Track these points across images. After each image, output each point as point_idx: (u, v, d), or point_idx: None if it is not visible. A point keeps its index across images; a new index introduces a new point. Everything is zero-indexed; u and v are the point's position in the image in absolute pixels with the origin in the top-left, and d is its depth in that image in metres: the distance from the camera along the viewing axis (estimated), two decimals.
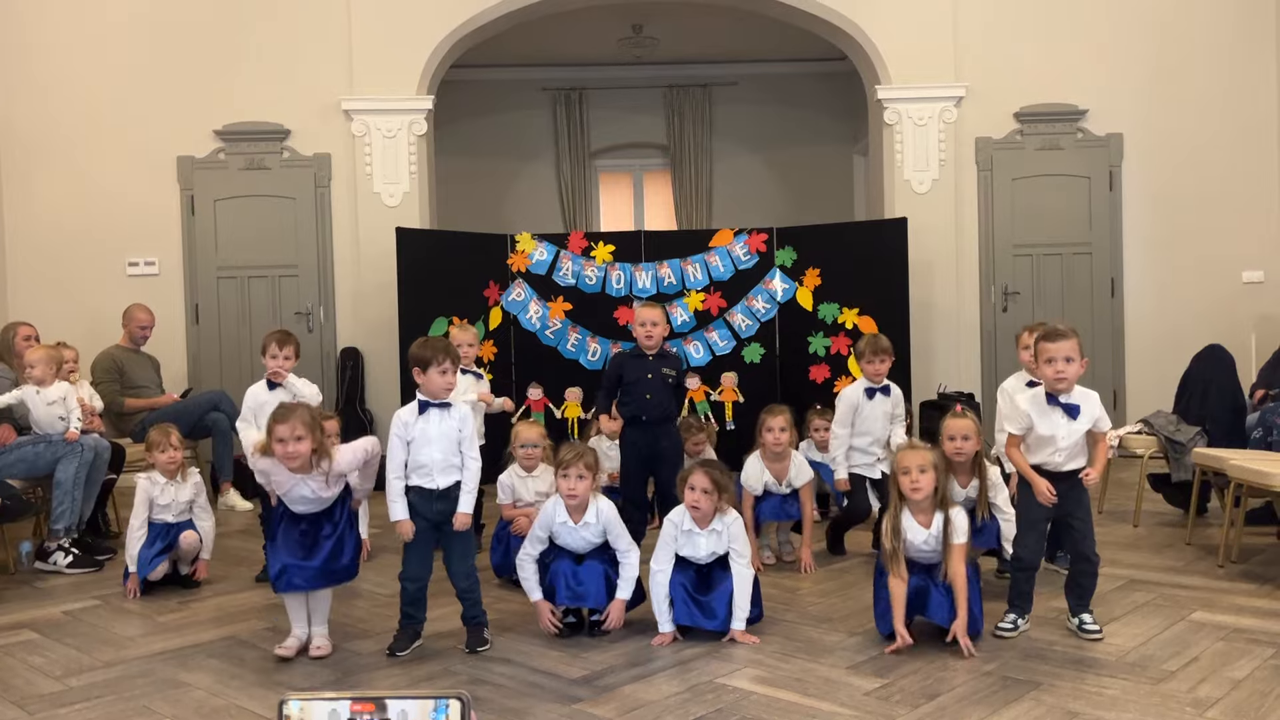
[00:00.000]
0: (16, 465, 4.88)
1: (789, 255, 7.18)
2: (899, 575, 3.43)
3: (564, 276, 7.15)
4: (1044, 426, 3.46)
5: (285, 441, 3.36)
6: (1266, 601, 3.93)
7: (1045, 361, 3.42)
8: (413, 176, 7.53)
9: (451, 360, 3.50)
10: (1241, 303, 7.65)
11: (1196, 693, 3.01)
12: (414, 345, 3.57)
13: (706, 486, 3.62)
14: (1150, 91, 7.68)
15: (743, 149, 10.46)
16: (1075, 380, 3.44)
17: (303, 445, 3.37)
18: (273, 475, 3.48)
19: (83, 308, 7.26)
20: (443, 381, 3.48)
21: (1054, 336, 3.42)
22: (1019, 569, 3.58)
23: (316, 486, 3.47)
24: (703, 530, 3.65)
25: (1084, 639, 3.49)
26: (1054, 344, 3.41)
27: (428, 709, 1.33)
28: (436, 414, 3.48)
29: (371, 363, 7.50)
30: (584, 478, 3.68)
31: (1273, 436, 4.99)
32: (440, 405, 3.49)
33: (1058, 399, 3.44)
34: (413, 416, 3.48)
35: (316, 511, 3.53)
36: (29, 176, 7.45)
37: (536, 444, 4.46)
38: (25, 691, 3.26)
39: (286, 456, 3.37)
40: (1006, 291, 7.71)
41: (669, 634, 3.60)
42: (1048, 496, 3.43)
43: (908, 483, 3.44)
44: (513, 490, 4.48)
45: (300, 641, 3.59)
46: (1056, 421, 3.45)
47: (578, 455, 3.70)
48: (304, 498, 3.48)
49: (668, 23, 8.97)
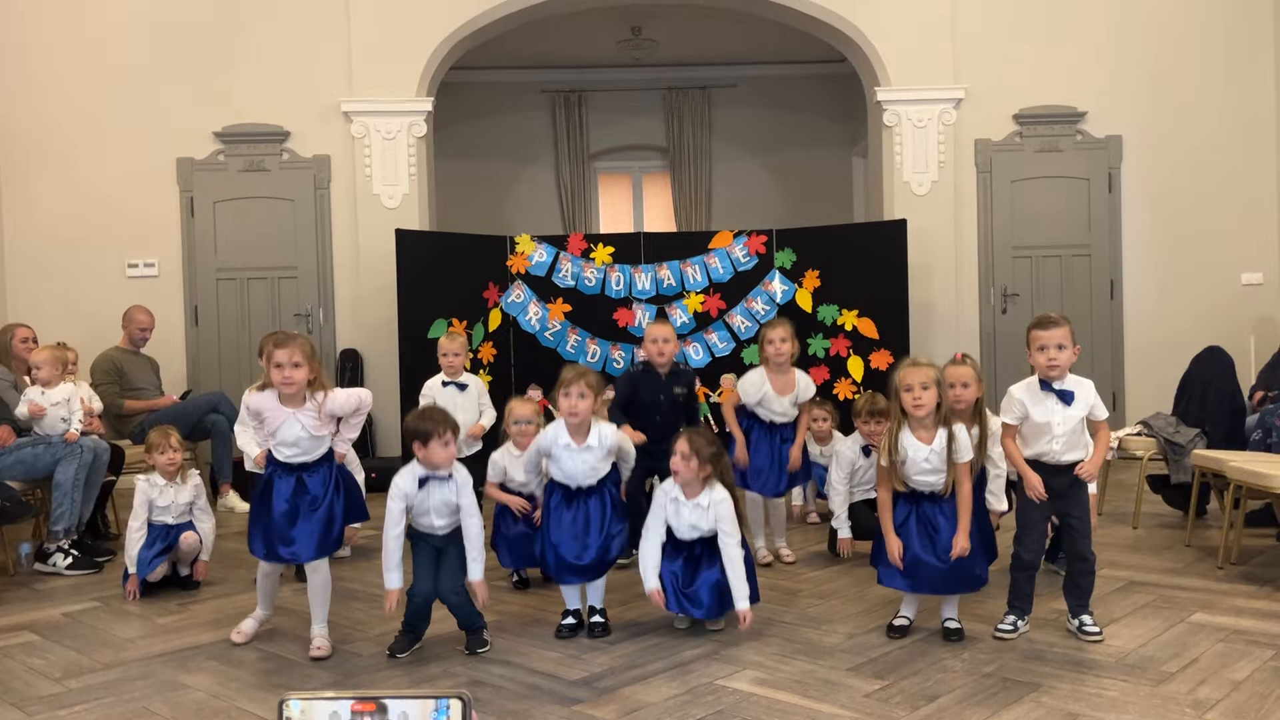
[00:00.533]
0: (15, 467, 4.88)
1: (788, 257, 7.18)
2: (890, 487, 3.49)
3: (563, 278, 7.15)
4: (1039, 414, 3.47)
5: (283, 367, 3.36)
6: (1266, 603, 3.93)
7: (1038, 349, 3.45)
8: (412, 178, 7.53)
9: (452, 430, 3.43)
10: (1240, 305, 7.65)
11: (1196, 694, 3.01)
12: (411, 418, 3.48)
13: (685, 451, 3.57)
14: (1149, 94, 7.69)
15: (742, 151, 10.47)
16: (1067, 367, 3.47)
17: (300, 372, 3.38)
18: (265, 413, 3.45)
19: (82, 309, 7.26)
20: (445, 454, 3.41)
21: (1045, 324, 3.47)
22: (1018, 569, 3.58)
23: (308, 423, 3.43)
24: (688, 500, 3.62)
25: (1084, 641, 3.49)
26: (1045, 331, 3.44)
27: (428, 709, 1.33)
28: (436, 483, 3.45)
29: (371, 364, 7.50)
30: (585, 397, 3.64)
31: (1272, 438, 4.99)
32: (442, 478, 3.45)
33: (1051, 385, 3.46)
34: (413, 488, 3.43)
35: (304, 463, 3.47)
36: (28, 178, 7.45)
37: (531, 420, 4.28)
38: (24, 693, 3.26)
39: (284, 382, 3.37)
40: (1006, 293, 7.71)
41: (655, 589, 3.60)
42: (1038, 491, 3.44)
43: (910, 399, 3.44)
44: (504, 470, 4.30)
45: (258, 624, 3.63)
46: (1051, 408, 3.46)
47: (579, 374, 3.67)
48: (294, 438, 3.44)
49: (667, 25, 8.98)
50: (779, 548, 4.84)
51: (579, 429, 3.69)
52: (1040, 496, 3.46)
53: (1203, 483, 4.99)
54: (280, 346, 3.38)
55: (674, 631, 3.73)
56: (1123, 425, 6.66)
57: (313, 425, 3.45)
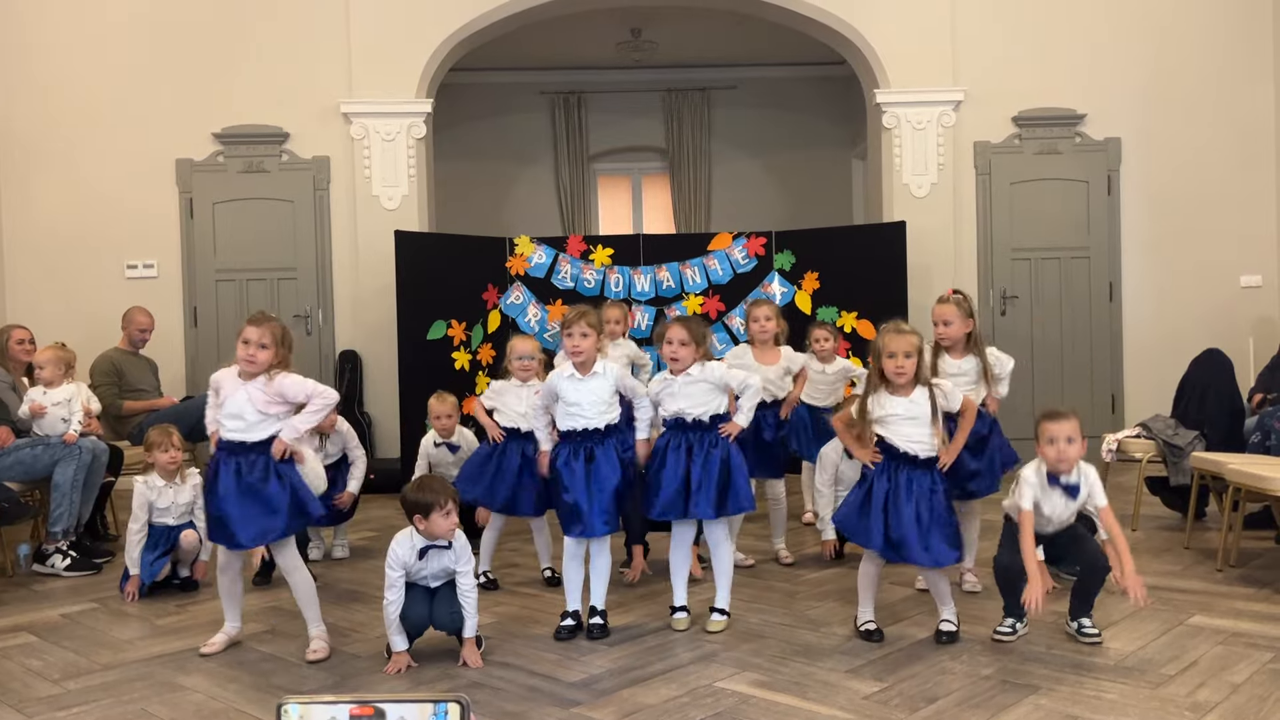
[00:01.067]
0: (14, 468, 4.88)
1: (788, 259, 7.18)
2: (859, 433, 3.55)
3: (563, 279, 7.15)
4: (1045, 505, 3.47)
5: (250, 344, 3.39)
6: (1265, 606, 3.93)
7: (1047, 442, 3.41)
8: (412, 179, 7.53)
9: (454, 500, 3.42)
10: (1240, 307, 7.65)
11: (1195, 697, 3.01)
12: (410, 490, 3.46)
13: (684, 338, 3.68)
14: (1148, 96, 7.69)
15: (741, 152, 10.47)
16: (1077, 461, 3.45)
17: (265, 354, 3.39)
18: (222, 387, 3.46)
19: (81, 310, 7.26)
20: (447, 524, 3.39)
21: (1055, 417, 3.41)
22: (999, 573, 3.58)
23: (255, 395, 3.40)
24: (678, 376, 3.70)
25: (1082, 643, 3.49)
26: (1056, 424, 3.40)
27: (427, 713, 1.33)
28: (436, 553, 3.44)
29: (370, 365, 7.50)
30: (587, 335, 3.69)
31: (1270, 440, 4.99)
32: (442, 547, 3.43)
33: (1059, 479, 3.45)
34: (412, 559, 3.41)
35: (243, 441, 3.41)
36: (28, 178, 7.45)
37: (533, 356, 4.46)
38: (23, 694, 3.26)
39: (247, 359, 3.39)
40: (1005, 295, 7.71)
41: (644, 439, 3.79)
42: (1043, 593, 3.37)
43: (892, 365, 3.44)
44: (501, 398, 4.43)
45: (229, 638, 3.61)
46: (1055, 501, 3.47)
47: (580, 314, 3.74)
48: (239, 409, 3.41)
49: (667, 27, 8.98)
50: (777, 549, 4.84)
51: (584, 364, 3.73)
52: (1048, 588, 3.39)
53: (1201, 485, 5.00)
54: (253, 324, 3.42)
55: (672, 634, 3.74)
56: (1121, 427, 6.68)
57: (259, 400, 3.41)
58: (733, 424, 3.75)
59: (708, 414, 3.73)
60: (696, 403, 3.72)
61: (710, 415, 3.73)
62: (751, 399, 3.77)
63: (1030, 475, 3.46)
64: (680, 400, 3.73)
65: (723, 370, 3.77)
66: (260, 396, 3.42)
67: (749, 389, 3.75)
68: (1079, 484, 3.46)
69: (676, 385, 3.73)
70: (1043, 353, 7.69)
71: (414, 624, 3.44)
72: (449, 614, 3.44)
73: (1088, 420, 5.24)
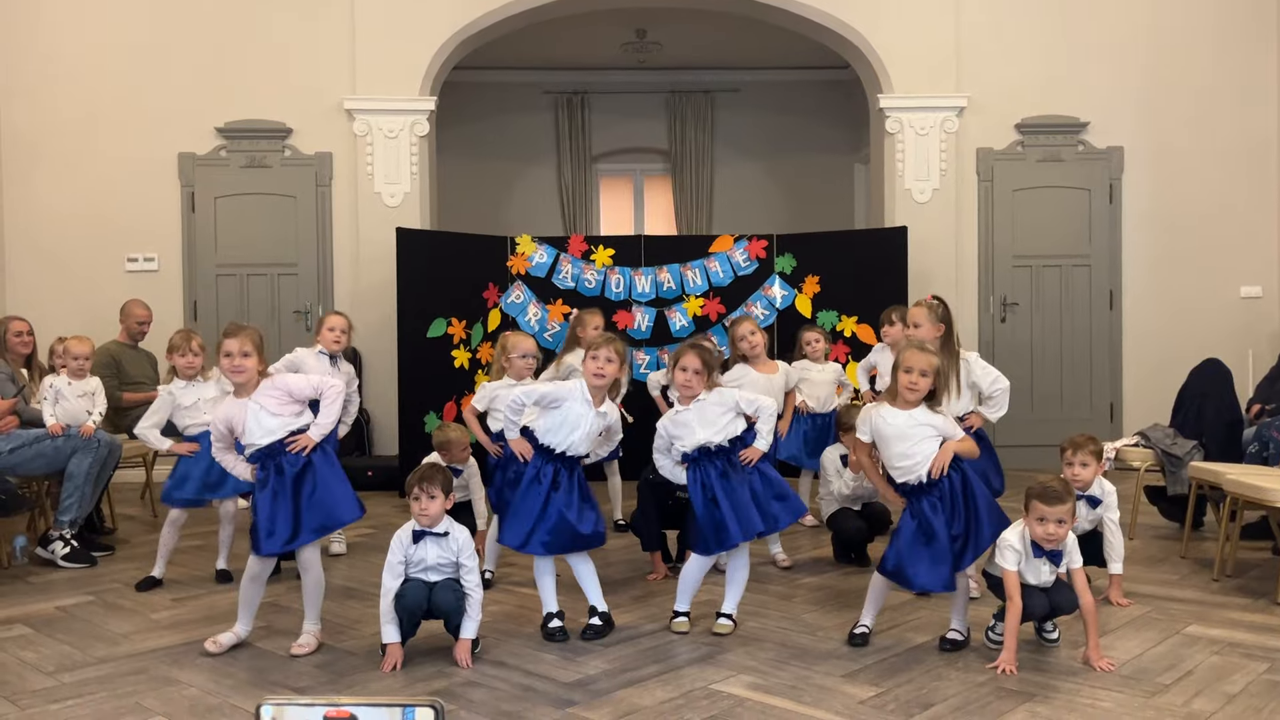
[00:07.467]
0: (36, 460, 4.90)
1: (789, 262, 7.18)
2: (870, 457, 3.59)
3: (563, 279, 7.15)
4: (1028, 573, 3.42)
5: (233, 356, 3.41)
6: (1261, 616, 3.93)
7: (1037, 519, 3.34)
8: (414, 177, 7.53)
9: (439, 484, 3.44)
10: (1239, 317, 7.66)
11: (1191, 706, 3.01)
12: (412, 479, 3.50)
13: (697, 367, 3.69)
14: (1151, 105, 7.70)
15: (744, 155, 10.47)
16: (1064, 539, 3.39)
17: (249, 361, 3.42)
18: (233, 419, 3.45)
19: (81, 303, 7.26)
20: (434, 508, 3.42)
21: (1050, 499, 3.31)
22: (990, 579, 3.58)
23: (265, 403, 3.43)
24: (689, 406, 3.71)
25: (1043, 643, 3.56)
26: (1050, 506, 3.32)
27: (396, 716, 1.35)
28: (431, 539, 3.44)
29: (370, 363, 7.49)
30: (613, 361, 3.70)
31: (1269, 451, 4.99)
32: (437, 534, 3.45)
33: (1043, 550, 3.39)
34: (407, 539, 3.44)
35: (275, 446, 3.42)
36: (29, 172, 7.45)
37: (535, 354, 4.56)
38: (17, 686, 3.25)
39: (234, 370, 3.42)
40: (1005, 302, 7.71)
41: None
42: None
43: (907, 381, 3.43)
44: (496, 400, 4.37)
45: (237, 639, 3.60)
46: (1039, 569, 3.42)
47: (608, 340, 3.75)
48: (263, 426, 3.41)
49: (671, 28, 8.99)
50: (774, 553, 4.84)
51: (599, 392, 3.72)
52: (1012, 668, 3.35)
53: (1199, 495, 5.00)
54: (230, 336, 3.45)
55: (668, 635, 3.73)
56: (1120, 436, 6.68)
57: (271, 403, 3.45)
58: (753, 449, 3.73)
59: (728, 437, 3.71)
60: (716, 429, 3.70)
61: (730, 439, 3.71)
62: (768, 422, 3.74)
63: (1014, 541, 3.39)
64: (698, 431, 3.69)
65: (734, 394, 3.76)
66: (270, 400, 3.45)
67: (763, 412, 3.73)
68: (1061, 552, 3.41)
69: (690, 414, 3.71)
70: (1042, 360, 7.69)
71: (409, 609, 3.41)
72: (452, 595, 3.41)
73: (1086, 428, 5.27)
